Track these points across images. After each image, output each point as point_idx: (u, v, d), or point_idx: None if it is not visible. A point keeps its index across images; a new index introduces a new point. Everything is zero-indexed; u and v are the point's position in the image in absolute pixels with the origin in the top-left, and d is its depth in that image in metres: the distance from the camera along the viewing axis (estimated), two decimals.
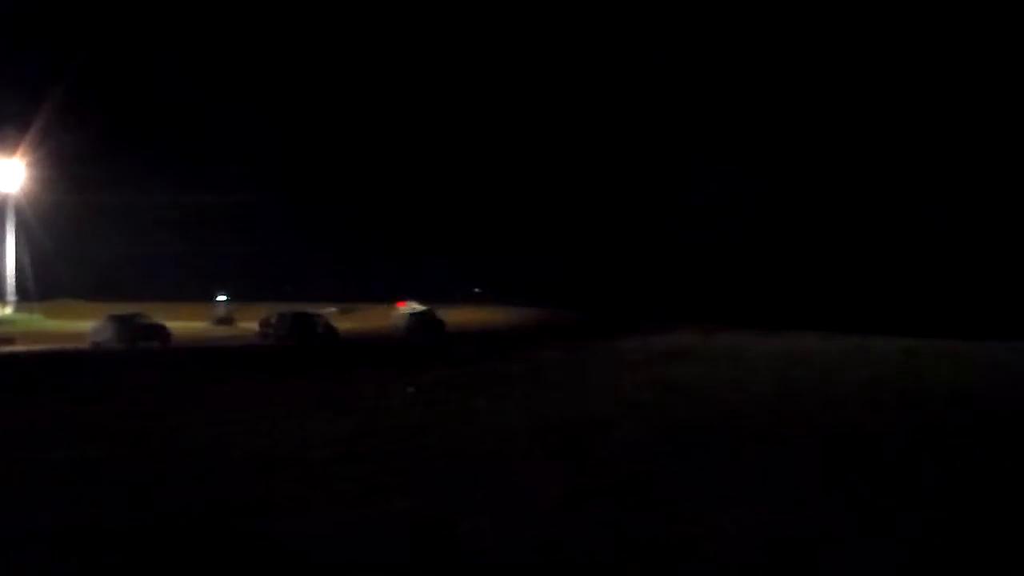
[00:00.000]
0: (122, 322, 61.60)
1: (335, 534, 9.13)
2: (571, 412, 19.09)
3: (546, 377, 29.05)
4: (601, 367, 33.33)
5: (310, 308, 78.45)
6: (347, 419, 18.56)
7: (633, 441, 14.72)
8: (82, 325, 79.52)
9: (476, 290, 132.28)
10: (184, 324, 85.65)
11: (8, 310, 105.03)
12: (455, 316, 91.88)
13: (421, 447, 14.55)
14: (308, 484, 11.68)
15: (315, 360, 41.89)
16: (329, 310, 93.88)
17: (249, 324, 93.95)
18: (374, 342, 61.52)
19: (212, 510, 10.27)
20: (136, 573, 8.14)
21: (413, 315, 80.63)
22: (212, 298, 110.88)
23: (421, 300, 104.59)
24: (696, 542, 8.61)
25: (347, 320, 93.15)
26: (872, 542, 8.65)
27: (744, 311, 65.62)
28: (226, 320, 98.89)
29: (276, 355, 47.67)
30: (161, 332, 61.47)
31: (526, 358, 38.35)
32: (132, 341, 57.90)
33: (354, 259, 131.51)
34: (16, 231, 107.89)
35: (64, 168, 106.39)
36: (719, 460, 12.95)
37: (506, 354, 41.39)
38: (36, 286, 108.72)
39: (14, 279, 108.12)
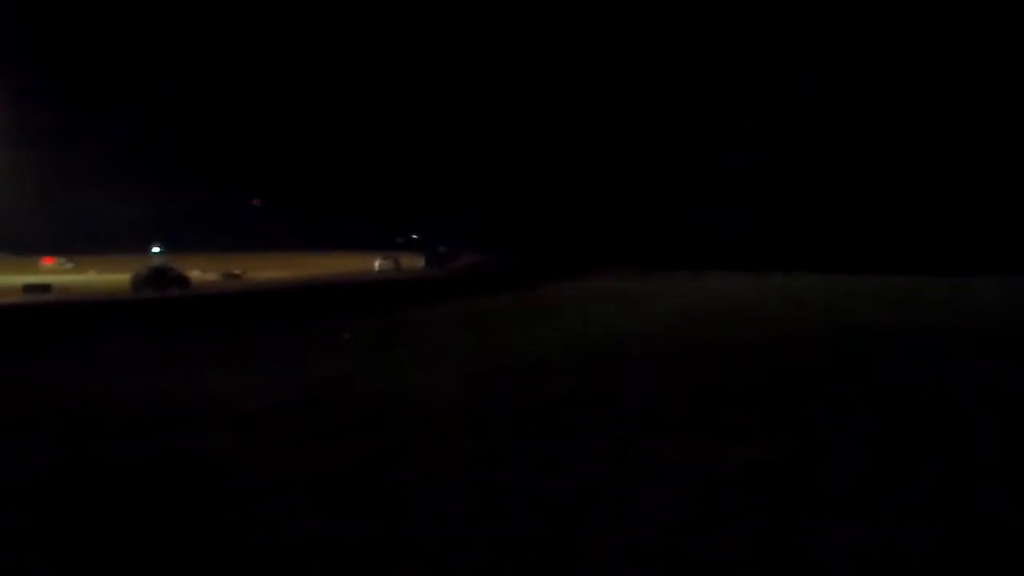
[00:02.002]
0: (156, 272, 75.19)
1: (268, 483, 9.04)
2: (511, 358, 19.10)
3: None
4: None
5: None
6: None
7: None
8: (13, 280, 78.40)
9: (399, 240, 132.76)
10: (119, 277, 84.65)
11: None
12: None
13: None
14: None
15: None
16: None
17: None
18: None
19: (142, 465, 10.09)
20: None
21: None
22: (147, 251, 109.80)
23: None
24: None
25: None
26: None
27: (677, 254, 65.79)
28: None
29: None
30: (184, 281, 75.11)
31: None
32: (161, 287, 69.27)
33: (295, 209, 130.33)
34: None
35: None
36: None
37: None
38: None
39: None
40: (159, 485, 9.15)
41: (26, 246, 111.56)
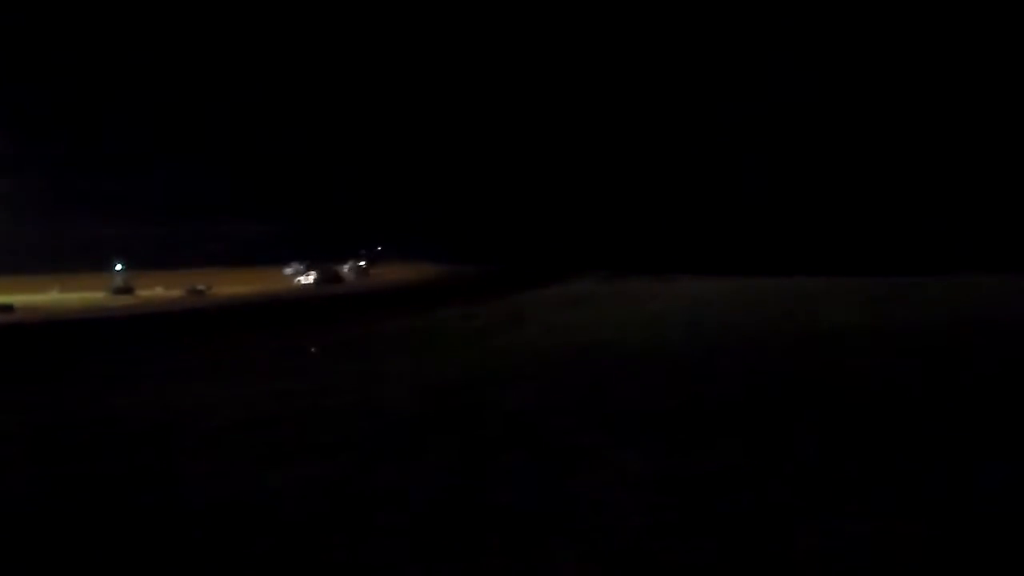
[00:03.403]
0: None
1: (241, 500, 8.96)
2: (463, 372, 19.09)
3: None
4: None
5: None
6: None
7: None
8: None
9: (378, 249, 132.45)
10: (83, 295, 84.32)
11: None
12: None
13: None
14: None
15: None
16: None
17: (149, 292, 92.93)
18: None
19: (109, 483, 10.00)
20: None
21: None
22: (108, 269, 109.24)
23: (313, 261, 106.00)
24: None
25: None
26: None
27: (642, 258, 66.10)
28: (125, 289, 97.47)
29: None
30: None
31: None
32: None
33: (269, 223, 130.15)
34: None
35: None
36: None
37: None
38: None
39: None
40: (129, 506, 9.06)
41: None
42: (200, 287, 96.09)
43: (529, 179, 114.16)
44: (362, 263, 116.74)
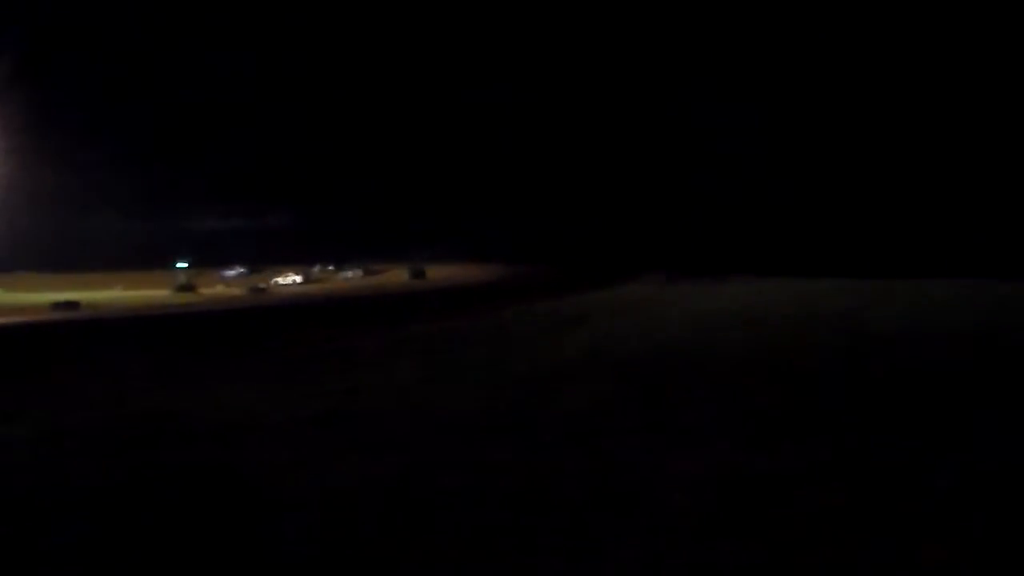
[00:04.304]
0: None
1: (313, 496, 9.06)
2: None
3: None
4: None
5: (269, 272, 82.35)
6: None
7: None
8: (42, 297, 79.19)
9: (437, 248, 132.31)
10: (146, 293, 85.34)
11: None
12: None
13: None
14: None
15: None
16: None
17: (211, 290, 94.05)
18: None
19: (190, 476, 10.16)
20: None
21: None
22: (171, 266, 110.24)
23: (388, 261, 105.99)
24: None
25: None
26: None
27: (701, 261, 65.79)
28: (187, 287, 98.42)
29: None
30: None
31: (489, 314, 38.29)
32: None
33: (319, 223, 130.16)
34: None
35: (13, 140, 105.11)
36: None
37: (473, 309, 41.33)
38: None
39: None
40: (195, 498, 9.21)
41: (50, 264, 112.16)
42: (262, 285, 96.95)
43: (587, 180, 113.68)
44: (330, 267, 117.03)
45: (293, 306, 60.52)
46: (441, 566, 6.95)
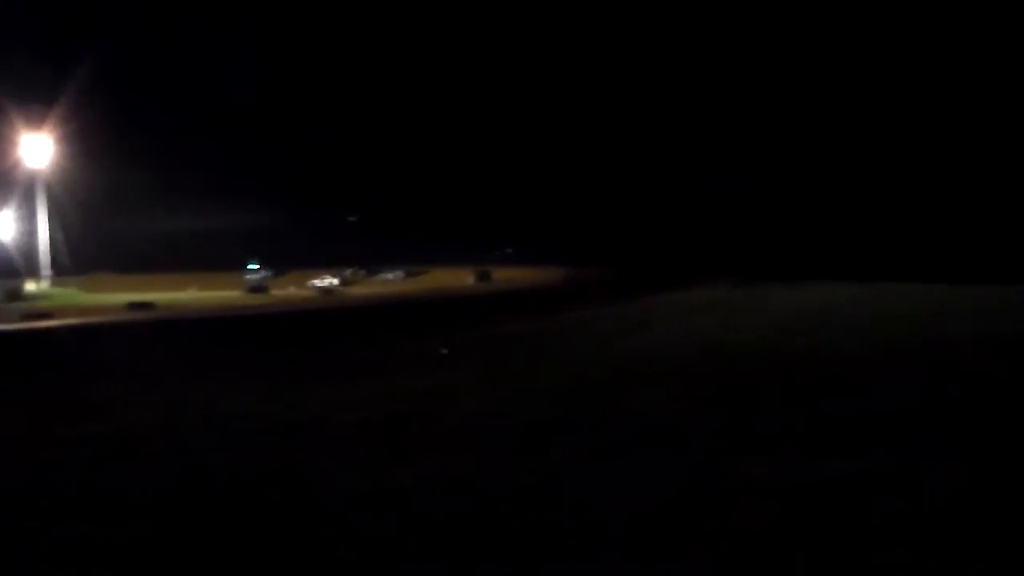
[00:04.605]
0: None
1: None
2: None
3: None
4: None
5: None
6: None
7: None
8: (117, 298, 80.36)
9: (508, 250, 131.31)
10: (219, 294, 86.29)
11: (44, 285, 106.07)
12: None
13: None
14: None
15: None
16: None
17: (282, 292, 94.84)
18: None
19: (252, 476, 10.32)
20: None
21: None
22: (243, 267, 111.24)
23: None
24: None
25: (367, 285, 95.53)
26: None
27: (770, 265, 65.22)
28: (260, 288, 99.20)
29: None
30: None
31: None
32: None
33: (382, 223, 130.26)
34: (47, 207, 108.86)
35: (90, 142, 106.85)
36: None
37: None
38: (70, 261, 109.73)
39: (48, 254, 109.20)
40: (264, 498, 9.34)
41: (127, 264, 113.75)
42: (318, 284, 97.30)
43: (659, 184, 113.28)
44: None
45: (376, 307, 60.72)
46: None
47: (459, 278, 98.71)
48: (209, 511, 9.06)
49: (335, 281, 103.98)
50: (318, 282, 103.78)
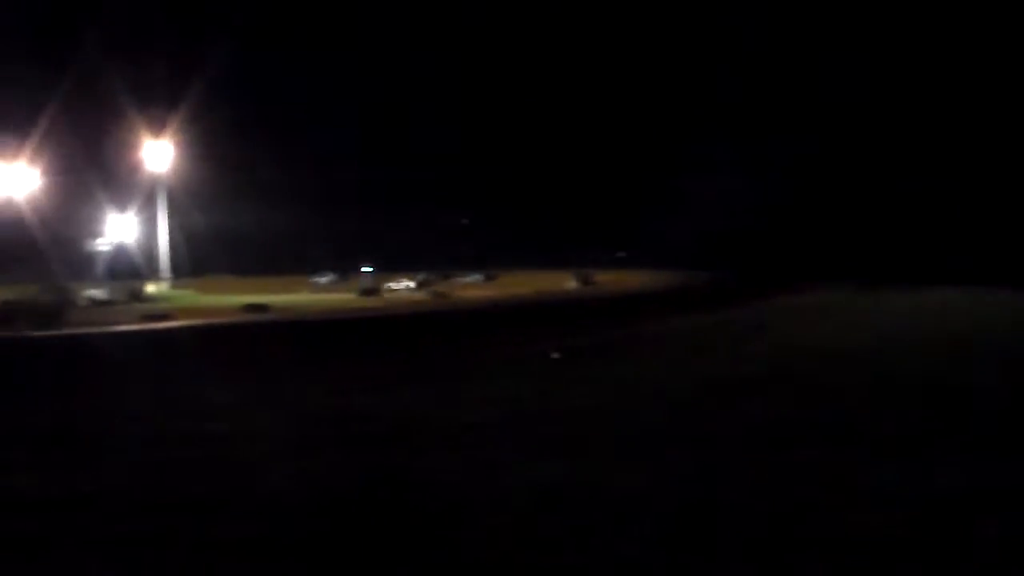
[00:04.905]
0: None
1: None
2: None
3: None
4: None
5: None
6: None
7: None
8: (233, 300, 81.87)
9: (620, 255, 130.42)
10: (331, 296, 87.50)
11: (163, 287, 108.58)
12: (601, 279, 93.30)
13: None
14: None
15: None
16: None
17: (393, 295, 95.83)
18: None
19: (379, 475, 10.40)
20: None
21: None
22: (357, 270, 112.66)
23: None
24: None
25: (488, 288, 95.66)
26: None
27: (887, 269, 64.23)
28: (372, 290, 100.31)
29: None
30: None
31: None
32: None
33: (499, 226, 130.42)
34: (168, 210, 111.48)
35: (209, 147, 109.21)
36: None
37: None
38: (189, 263, 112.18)
39: (168, 257, 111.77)
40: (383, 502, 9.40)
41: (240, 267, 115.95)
42: (443, 289, 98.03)
43: (781, 188, 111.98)
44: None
45: (487, 310, 60.90)
46: None
47: (555, 282, 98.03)
48: (347, 511, 9.14)
49: (411, 284, 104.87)
50: (394, 285, 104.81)
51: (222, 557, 7.70)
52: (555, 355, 24.60)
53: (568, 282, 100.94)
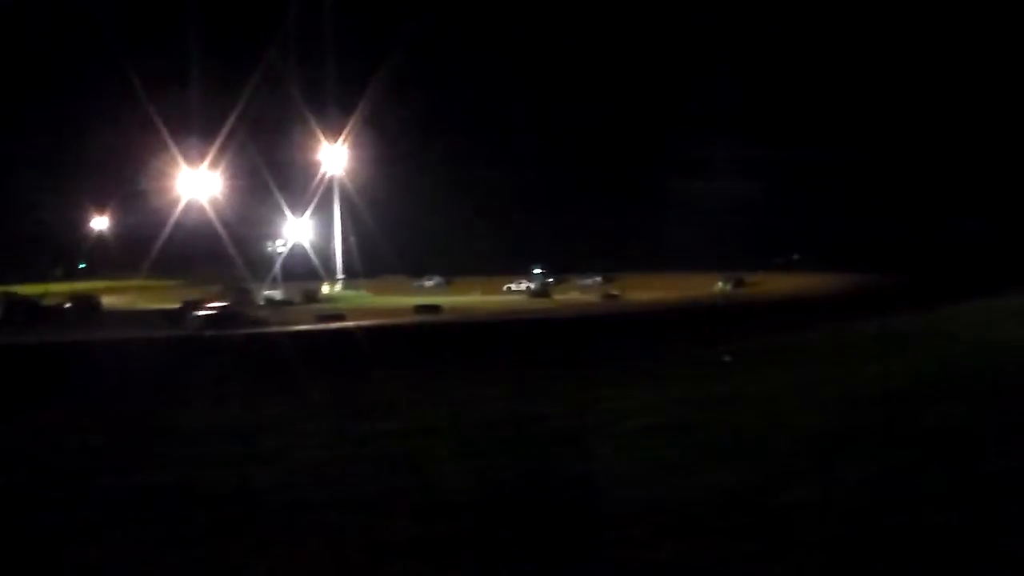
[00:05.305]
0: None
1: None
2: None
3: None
4: None
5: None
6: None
7: None
8: (404, 300, 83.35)
9: (795, 257, 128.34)
10: (501, 298, 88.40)
11: (337, 287, 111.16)
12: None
13: None
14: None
15: None
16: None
17: (564, 297, 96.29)
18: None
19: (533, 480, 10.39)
20: None
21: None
22: (528, 271, 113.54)
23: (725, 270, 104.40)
24: None
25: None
26: None
27: None
28: (542, 293, 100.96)
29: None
30: None
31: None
32: None
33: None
34: (342, 211, 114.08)
35: (384, 150, 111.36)
36: None
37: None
38: (362, 264, 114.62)
39: (342, 258, 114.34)
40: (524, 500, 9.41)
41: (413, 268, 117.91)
42: (614, 291, 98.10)
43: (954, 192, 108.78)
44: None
45: (654, 313, 60.63)
46: None
47: (702, 285, 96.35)
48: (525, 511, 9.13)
49: (531, 285, 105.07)
50: (513, 286, 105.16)
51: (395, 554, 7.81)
52: (726, 358, 24.33)
53: (718, 285, 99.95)
